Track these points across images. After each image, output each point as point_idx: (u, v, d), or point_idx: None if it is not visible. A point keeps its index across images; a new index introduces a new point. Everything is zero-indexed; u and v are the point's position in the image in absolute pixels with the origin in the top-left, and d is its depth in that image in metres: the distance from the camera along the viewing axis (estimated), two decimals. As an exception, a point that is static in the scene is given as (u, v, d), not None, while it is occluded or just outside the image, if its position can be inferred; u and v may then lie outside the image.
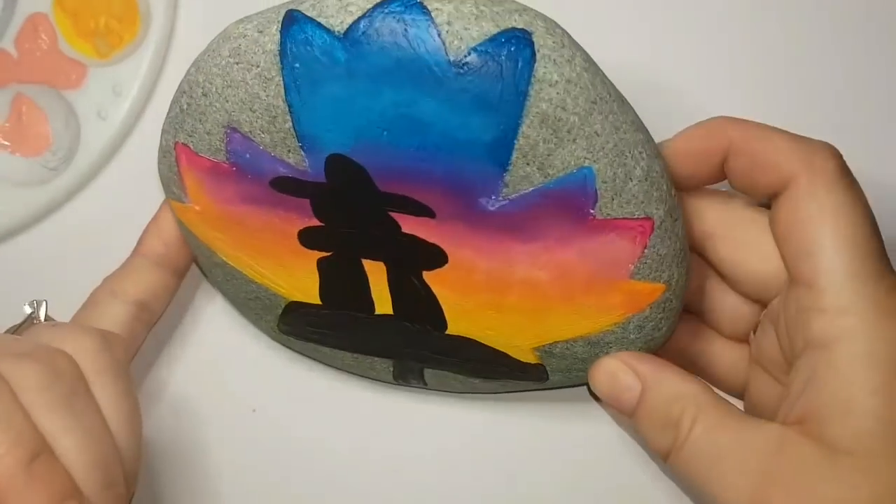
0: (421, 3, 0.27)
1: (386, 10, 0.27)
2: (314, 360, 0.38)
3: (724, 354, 0.34)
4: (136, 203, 0.38)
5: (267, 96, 0.29)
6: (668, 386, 0.31)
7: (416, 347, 0.35)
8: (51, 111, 0.39)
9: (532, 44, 0.27)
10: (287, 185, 0.31)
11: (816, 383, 0.29)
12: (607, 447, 0.38)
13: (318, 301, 0.34)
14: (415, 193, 0.30)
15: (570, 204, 0.29)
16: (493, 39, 0.27)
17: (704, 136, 0.31)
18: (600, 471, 0.38)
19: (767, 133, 0.30)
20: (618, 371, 0.32)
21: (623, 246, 0.30)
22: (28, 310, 0.34)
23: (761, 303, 0.32)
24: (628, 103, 0.29)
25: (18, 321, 0.34)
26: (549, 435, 0.38)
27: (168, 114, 0.32)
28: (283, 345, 0.38)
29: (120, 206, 0.40)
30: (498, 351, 0.34)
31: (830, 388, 0.29)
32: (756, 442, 0.29)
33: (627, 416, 0.32)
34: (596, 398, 0.36)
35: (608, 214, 0.29)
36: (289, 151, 0.30)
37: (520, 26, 0.27)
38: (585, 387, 0.36)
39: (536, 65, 0.27)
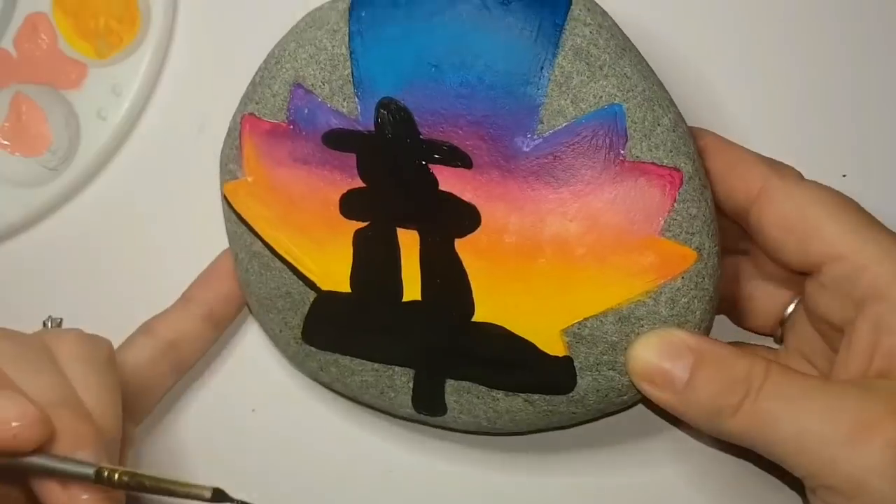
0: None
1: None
2: (332, 389, 0.37)
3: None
4: (136, 202, 0.39)
5: (332, 46, 0.33)
6: (725, 347, 0.30)
7: (440, 346, 0.34)
8: (51, 111, 0.39)
9: None
10: (338, 138, 0.33)
11: (886, 331, 0.29)
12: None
13: (347, 288, 0.34)
14: (455, 139, 0.32)
15: (601, 143, 0.31)
16: None
17: None
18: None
19: (735, 145, 0.33)
20: (662, 342, 0.31)
21: (653, 195, 0.31)
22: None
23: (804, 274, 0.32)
24: (654, 73, 0.32)
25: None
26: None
27: (242, 96, 0.35)
28: (299, 369, 0.38)
29: (120, 206, 0.40)
30: (524, 341, 0.33)
31: None
32: (840, 385, 0.29)
33: (672, 392, 0.30)
34: (640, 398, 0.33)
35: (637, 157, 0.31)
36: (344, 100, 0.33)
37: None
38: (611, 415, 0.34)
39: (572, 6, 0.31)
